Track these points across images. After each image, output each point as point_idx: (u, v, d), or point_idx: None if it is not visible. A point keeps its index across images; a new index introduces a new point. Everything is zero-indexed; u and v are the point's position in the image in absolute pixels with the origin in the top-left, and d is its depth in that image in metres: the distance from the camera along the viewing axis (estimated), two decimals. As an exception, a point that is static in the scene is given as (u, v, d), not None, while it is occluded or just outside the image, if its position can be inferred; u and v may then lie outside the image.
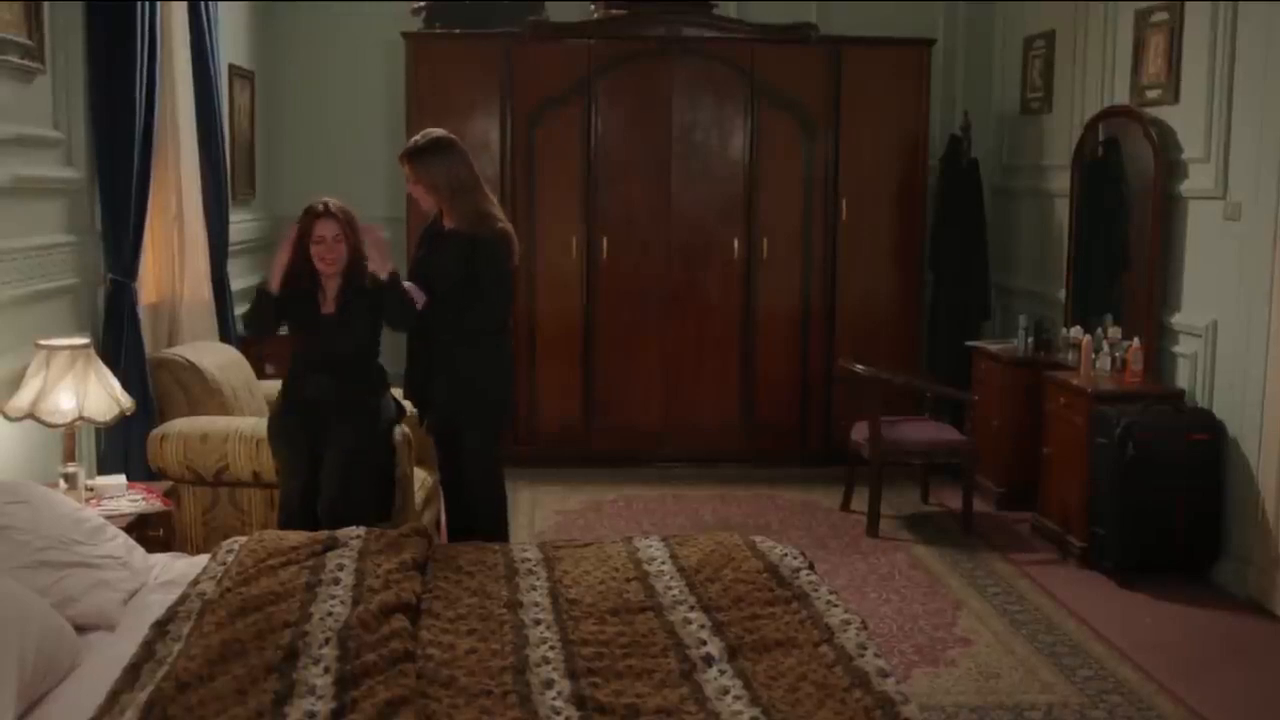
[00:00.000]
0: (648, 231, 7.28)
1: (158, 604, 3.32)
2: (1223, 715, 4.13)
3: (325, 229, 4.53)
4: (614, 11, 7.30)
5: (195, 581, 3.41)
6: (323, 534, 3.73)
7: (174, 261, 5.52)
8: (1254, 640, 4.85)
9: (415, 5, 7.33)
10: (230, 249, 6.17)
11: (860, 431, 6.32)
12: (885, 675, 2.76)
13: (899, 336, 7.42)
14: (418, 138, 4.73)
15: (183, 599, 3.27)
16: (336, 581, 3.32)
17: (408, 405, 4.85)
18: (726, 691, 2.71)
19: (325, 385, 4.48)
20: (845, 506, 6.52)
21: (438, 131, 4.74)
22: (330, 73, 7.80)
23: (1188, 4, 5.72)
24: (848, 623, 3.07)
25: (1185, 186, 5.74)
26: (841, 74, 7.25)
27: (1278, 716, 4.20)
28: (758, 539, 3.77)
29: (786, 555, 3.58)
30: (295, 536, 3.71)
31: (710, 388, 7.38)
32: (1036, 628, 4.89)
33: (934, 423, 6.52)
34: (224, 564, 3.50)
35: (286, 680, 2.71)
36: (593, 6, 7.43)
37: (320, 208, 4.56)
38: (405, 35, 7.15)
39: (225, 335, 5.89)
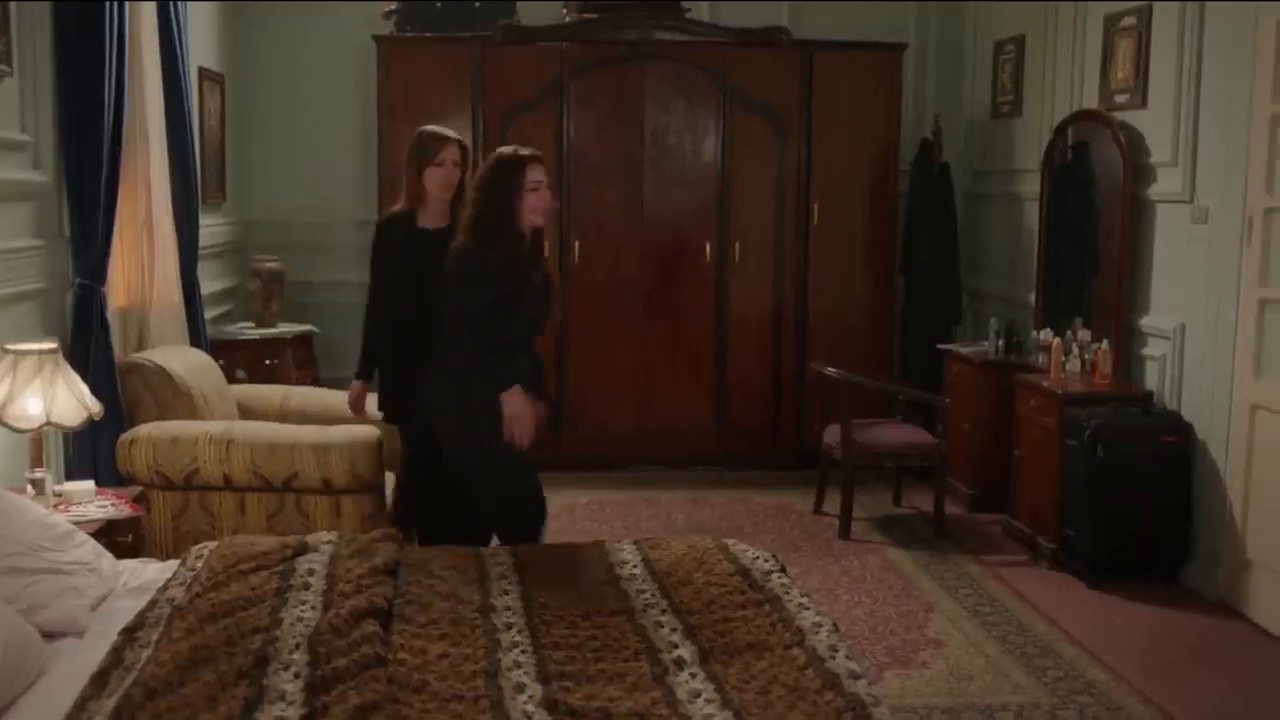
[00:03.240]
0: (620, 235, 7.28)
1: (127, 610, 3.29)
2: (1192, 716, 4.16)
3: (538, 172, 4.24)
4: (586, 15, 7.30)
5: (165, 587, 3.39)
6: (293, 539, 3.72)
7: (143, 265, 5.49)
8: (1223, 641, 4.88)
9: (386, 9, 7.31)
10: (200, 253, 6.14)
11: (832, 434, 6.34)
12: (856, 677, 2.76)
13: (871, 340, 7.44)
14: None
15: (152, 605, 3.25)
16: (307, 587, 3.31)
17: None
18: (698, 695, 2.71)
19: (530, 370, 4.38)
20: (818, 509, 6.54)
21: None
22: (301, 76, 7.76)
23: (1155, 8, 5.76)
24: (819, 625, 3.07)
25: (1153, 190, 5.79)
26: (813, 78, 7.27)
27: (1245, 714, 4.23)
28: (730, 542, 3.77)
29: (758, 558, 3.58)
30: (265, 541, 3.70)
31: (683, 391, 7.38)
32: (1008, 629, 4.91)
33: (906, 425, 6.54)
34: (194, 569, 3.48)
35: (256, 686, 2.69)
36: (564, 10, 7.43)
37: (526, 152, 4.25)
38: (376, 39, 7.13)
39: (195, 339, 5.86)
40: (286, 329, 7.10)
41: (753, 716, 2.59)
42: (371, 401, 4.90)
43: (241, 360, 6.64)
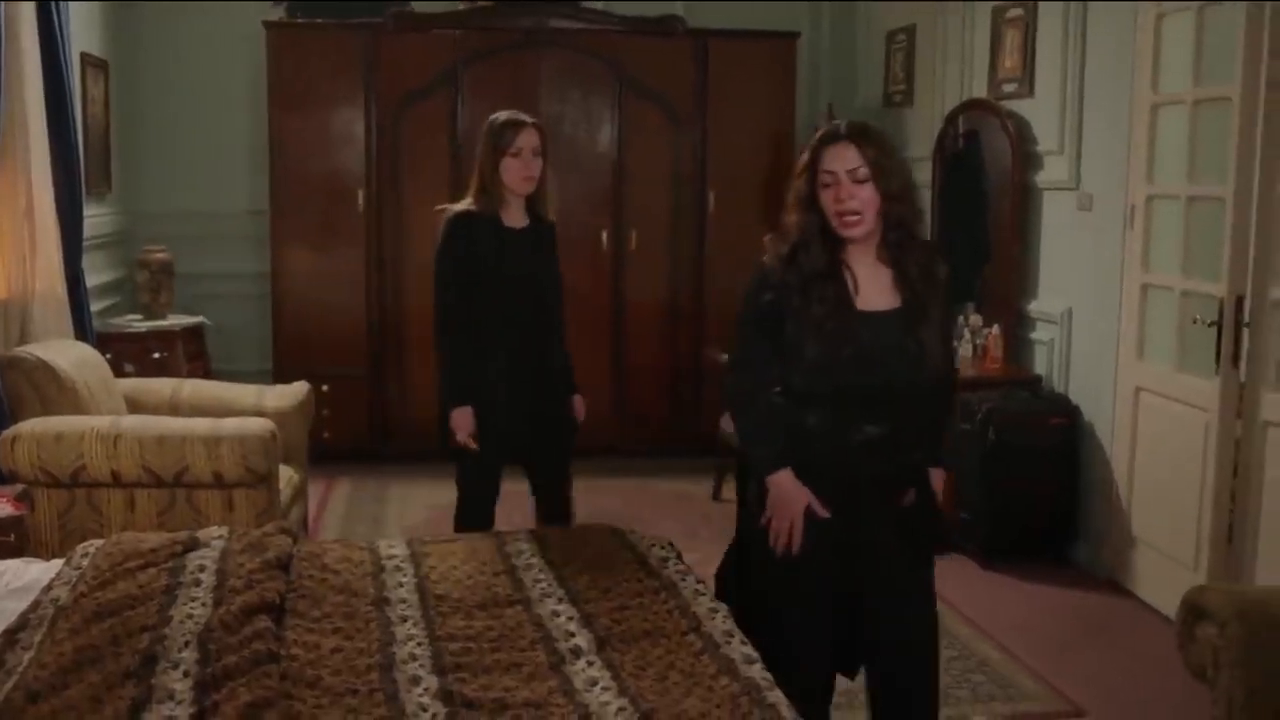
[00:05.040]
0: (517, 224, 7.23)
1: (8, 612, 3.19)
2: (1081, 689, 4.27)
3: (840, 158, 2.94)
4: (480, 2, 7.25)
5: (49, 587, 3.30)
6: (183, 535, 3.64)
7: (24, 257, 5.33)
8: (1110, 617, 5.01)
9: (276, -6, 7.19)
10: (85, 244, 5.98)
11: (728, 422, 6.35)
12: (752, 662, 2.78)
13: (768, 327, 7.47)
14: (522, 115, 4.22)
15: (35, 606, 3.16)
16: (197, 583, 3.24)
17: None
18: (595, 683, 2.71)
19: (876, 450, 3.01)
20: (716, 496, 6.58)
21: None
22: (190, 62, 7.60)
23: (1041, 2, 5.87)
24: (715, 611, 3.09)
25: (1041, 178, 5.90)
26: (708, 67, 7.30)
27: (1131, 688, 4.34)
28: (626, 530, 3.78)
29: (654, 546, 3.60)
30: (154, 538, 3.62)
31: (581, 379, 7.26)
32: (903, 611, 4.98)
33: (802, 412, 6.59)
34: (79, 568, 3.39)
35: (144, 686, 2.63)
36: (458, -3, 7.38)
37: (821, 130, 3.06)
38: (266, 25, 7.00)
39: (80, 332, 5.71)
40: (176, 321, 6.96)
41: (649, 703, 2.59)
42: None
43: (129, 353, 6.49)
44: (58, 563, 3.59)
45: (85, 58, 6.55)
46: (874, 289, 2.97)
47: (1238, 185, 4.54)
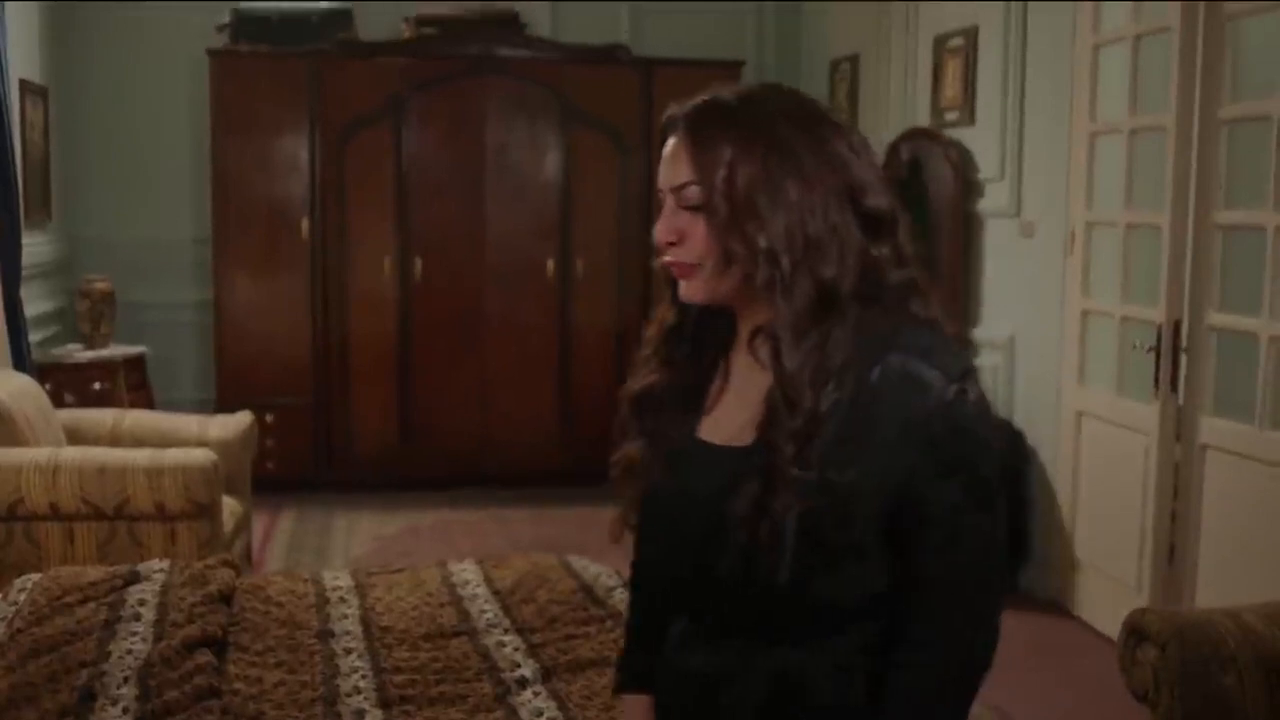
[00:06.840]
0: (462, 252, 7.23)
1: (-58, 648, 3.14)
2: (1025, 712, 4.29)
3: (666, 168, 1.69)
4: (425, 30, 7.25)
5: (-16, 623, 3.24)
6: (123, 568, 3.60)
7: (-39, 287, 5.26)
8: (1055, 639, 5.05)
9: (219, 22, 7.14)
10: (24, 273, 5.90)
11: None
12: (698, 690, 2.78)
13: (715, 353, 7.50)
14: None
15: (-30, 642, 3.11)
16: (137, 618, 3.20)
17: None
18: (541, 714, 2.70)
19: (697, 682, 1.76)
20: (664, 523, 6.55)
21: None
22: (132, 90, 7.53)
23: (981, 30, 5.95)
24: (661, 639, 3.08)
25: (983, 205, 5.97)
26: (653, 95, 7.32)
27: (1075, 710, 4.38)
28: (572, 558, 3.77)
29: (601, 574, 3.59)
30: (94, 572, 3.57)
31: (529, 407, 7.36)
32: (850, 636, 4.99)
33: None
34: (15, 604, 3.34)
35: (82, 723, 2.60)
36: (403, 25, 7.36)
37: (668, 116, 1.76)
38: (210, 52, 6.95)
39: (19, 363, 5.63)
40: (118, 351, 6.87)
41: (595, 733, 2.59)
42: None
43: (70, 384, 6.42)
44: (-6, 598, 3.54)
45: (24, 84, 6.47)
46: (741, 402, 1.64)
47: (1174, 212, 4.61)
